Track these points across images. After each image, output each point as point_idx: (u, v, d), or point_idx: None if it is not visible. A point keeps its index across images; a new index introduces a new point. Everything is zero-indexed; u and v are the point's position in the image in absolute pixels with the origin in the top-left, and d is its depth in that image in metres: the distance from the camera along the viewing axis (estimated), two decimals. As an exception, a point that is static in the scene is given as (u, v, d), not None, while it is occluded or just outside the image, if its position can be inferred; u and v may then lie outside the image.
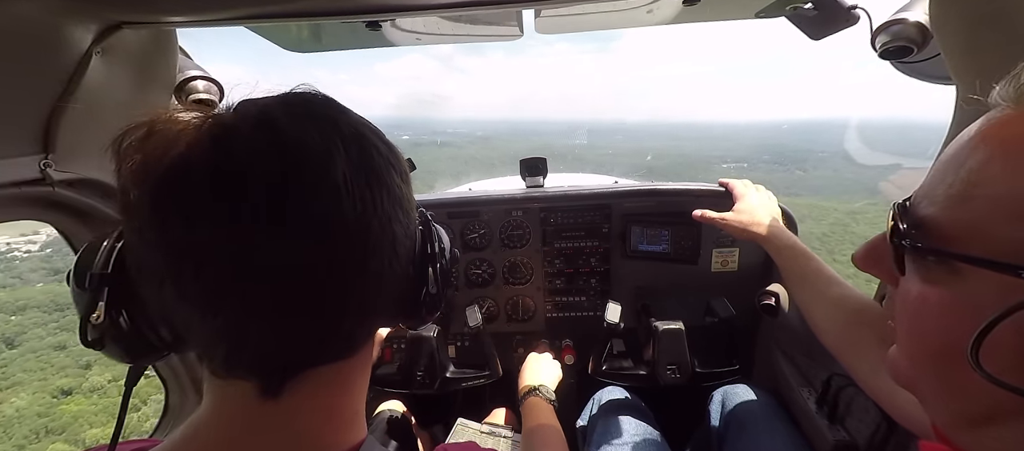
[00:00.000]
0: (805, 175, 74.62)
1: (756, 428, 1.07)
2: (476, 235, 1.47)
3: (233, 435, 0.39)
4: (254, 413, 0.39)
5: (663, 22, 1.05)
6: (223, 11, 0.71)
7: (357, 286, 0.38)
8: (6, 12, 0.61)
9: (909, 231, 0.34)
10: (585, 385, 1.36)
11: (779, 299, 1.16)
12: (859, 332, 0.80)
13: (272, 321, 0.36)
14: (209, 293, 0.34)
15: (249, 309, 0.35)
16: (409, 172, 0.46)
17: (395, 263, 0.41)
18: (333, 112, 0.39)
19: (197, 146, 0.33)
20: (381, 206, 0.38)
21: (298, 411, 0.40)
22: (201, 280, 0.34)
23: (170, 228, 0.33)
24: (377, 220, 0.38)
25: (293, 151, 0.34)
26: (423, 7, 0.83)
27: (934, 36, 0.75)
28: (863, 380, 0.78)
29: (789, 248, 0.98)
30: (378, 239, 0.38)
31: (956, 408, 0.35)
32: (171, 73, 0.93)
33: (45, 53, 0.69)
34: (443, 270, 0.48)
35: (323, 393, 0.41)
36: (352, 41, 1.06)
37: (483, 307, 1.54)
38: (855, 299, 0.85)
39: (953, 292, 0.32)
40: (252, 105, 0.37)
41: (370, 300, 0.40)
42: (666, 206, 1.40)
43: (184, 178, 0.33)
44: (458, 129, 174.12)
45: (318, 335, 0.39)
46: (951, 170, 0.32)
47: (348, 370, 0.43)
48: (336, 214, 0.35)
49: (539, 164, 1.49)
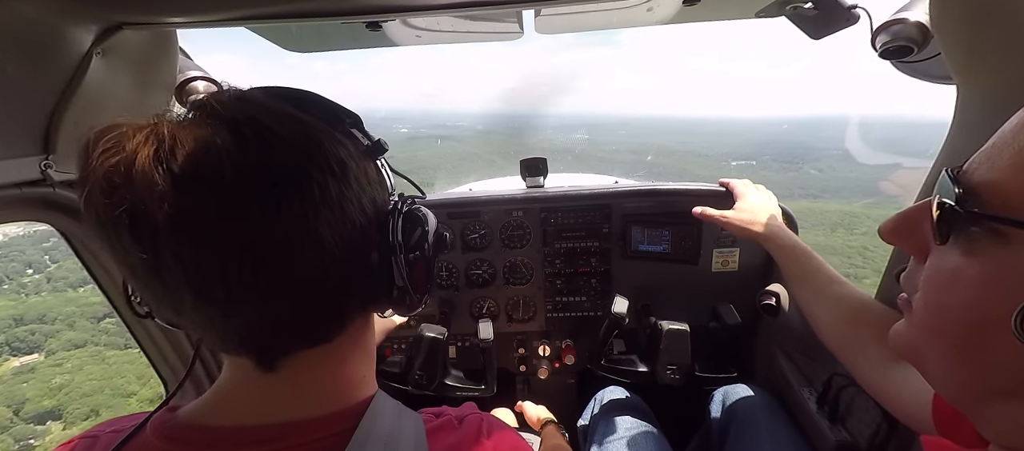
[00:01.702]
0: (820, 174, 70.65)
1: (757, 428, 1.07)
2: (476, 235, 1.47)
3: (244, 399, 0.45)
4: (258, 383, 0.44)
5: (663, 22, 1.05)
6: (223, 11, 0.71)
7: (303, 287, 0.40)
8: (6, 13, 0.61)
9: (962, 197, 0.33)
10: (585, 385, 1.36)
11: (779, 299, 1.16)
12: (860, 330, 0.80)
13: (247, 311, 0.39)
14: (185, 288, 0.37)
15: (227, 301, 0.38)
16: (359, 165, 0.44)
17: (328, 262, 0.40)
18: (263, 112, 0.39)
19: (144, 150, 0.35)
20: (291, 209, 0.37)
21: (297, 380, 0.45)
22: (174, 277, 0.37)
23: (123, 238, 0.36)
24: (292, 224, 0.37)
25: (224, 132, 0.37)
26: (423, 7, 0.83)
27: (934, 36, 0.75)
28: (864, 378, 0.78)
29: (790, 247, 0.98)
30: (297, 242, 0.38)
31: (973, 381, 0.35)
32: (171, 73, 0.93)
33: (46, 54, 0.69)
34: (411, 261, 0.47)
35: (318, 367, 0.46)
36: (352, 41, 1.06)
37: (483, 307, 1.54)
38: (856, 298, 0.85)
39: (997, 262, 0.31)
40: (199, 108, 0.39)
41: (351, 285, 0.44)
42: (666, 206, 1.40)
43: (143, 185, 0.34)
44: (458, 122, 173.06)
45: (290, 323, 0.42)
46: (1023, 134, 0.31)
47: (338, 348, 0.47)
48: (243, 222, 0.36)
49: (539, 164, 1.49)
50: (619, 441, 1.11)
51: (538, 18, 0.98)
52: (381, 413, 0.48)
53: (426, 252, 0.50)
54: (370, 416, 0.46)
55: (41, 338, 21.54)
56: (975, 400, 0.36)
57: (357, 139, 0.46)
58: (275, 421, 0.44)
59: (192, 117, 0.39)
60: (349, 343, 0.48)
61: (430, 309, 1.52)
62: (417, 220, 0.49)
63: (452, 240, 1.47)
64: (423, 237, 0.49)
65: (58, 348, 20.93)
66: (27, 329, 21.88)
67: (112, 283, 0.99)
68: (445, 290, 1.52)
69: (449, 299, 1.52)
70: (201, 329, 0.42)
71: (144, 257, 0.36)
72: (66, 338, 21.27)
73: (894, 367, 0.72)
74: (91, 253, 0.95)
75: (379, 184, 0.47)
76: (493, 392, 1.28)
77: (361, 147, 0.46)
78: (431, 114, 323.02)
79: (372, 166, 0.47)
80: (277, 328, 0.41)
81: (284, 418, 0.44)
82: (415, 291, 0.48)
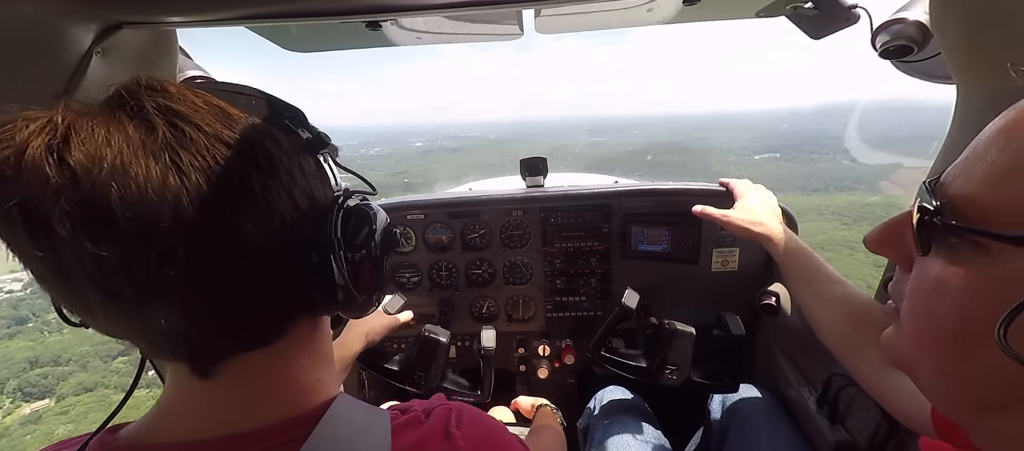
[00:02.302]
0: (855, 165, 63.04)
1: (757, 428, 1.08)
2: (476, 235, 1.47)
3: (185, 410, 0.42)
4: (197, 391, 0.41)
5: (663, 21, 1.04)
6: (223, 11, 0.71)
7: (222, 284, 0.37)
8: (6, 12, 0.61)
9: (940, 209, 0.34)
10: (585, 385, 1.36)
11: (779, 299, 1.16)
12: (861, 331, 0.80)
13: (160, 311, 0.36)
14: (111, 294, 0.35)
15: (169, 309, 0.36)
16: (293, 159, 0.41)
17: (252, 258, 0.38)
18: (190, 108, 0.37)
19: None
20: (215, 206, 0.35)
21: (239, 387, 0.42)
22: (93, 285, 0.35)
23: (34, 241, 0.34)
24: (217, 221, 0.36)
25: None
26: (423, 7, 0.83)
27: (934, 35, 0.75)
28: (864, 379, 0.78)
29: (790, 247, 0.98)
30: (211, 235, 0.36)
31: (963, 393, 0.35)
32: (171, 73, 0.93)
33: (45, 54, 0.69)
34: (355, 261, 0.45)
35: (261, 372, 0.43)
36: (352, 41, 1.06)
37: (483, 307, 1.54)
38: (857, 298, 0.85)
39: (978, 272, 0.31)
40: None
41: (287, 284, 0.41)
42: (666, 206, 1.40)
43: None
44: (470, 133, 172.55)
45: (215, 324, 0.39)
46: (994, 147, 0.31)
47: (282, 351, 0.44)
48: (154, 218, 0.33)
49: (539, 164, 1.49)
50: (619, 441, 1.11)
51: (538, 18, 0.98)
52: (341, 417, 0.44)
53: (373, 251, 0.47)
54: (326, 421, 0.43)
55: (53, 381, 21.16)
56: (965, 411, 0.36)
57: (294, 133, 0.43)
58: (219, 434, 0.41)
59: (98, 108, 0.36)
60: (294, 347, 0.45)
61: (430, 309, 1.52)
62: (363, 216, 0.46)
63: (452, 240, 1.47)
64: (370, 235, 0.47)
65: (68, 392, 20.64)
66: (40, 372, 21.58)
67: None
68: (445, 290, 1.52)
69: (449, 299, 1.52)
70: (122, 333, 0.39)
71: (41, 255, 0.34)
72: (77, 381, 20.94)
73: (894, 369, 0.71)
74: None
75: (319, 179, 0.44)
76: (488, 399, 1.28)
77: (298, 141, 0.43)
78: (444, 126, 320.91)
79: (311, 160, 0.44)
80: (201, 329, 0.38)
81: (229, 430, 0.41)
82: (360, 292, 0.45)
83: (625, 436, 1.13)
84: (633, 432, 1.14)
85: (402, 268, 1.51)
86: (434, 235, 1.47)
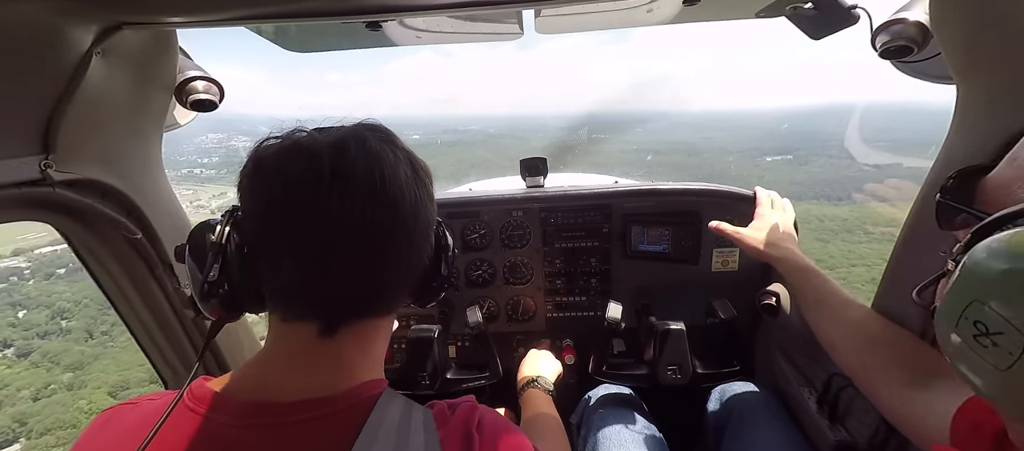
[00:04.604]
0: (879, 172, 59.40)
1: (756, 427, 1.07)
2: (476, 235, 1.47)
3: (296, 361, 0.53)
4: (313, 347, 0.53)
5: (663, 22, 1.04)
6: (223, 11, 0.71)
7: (403, 261, 0.55)
8: (6, 12, 0.61)
9: None
10: (585, 385, 1.36)
11: (779, 299, 1.16)
12: (880, 354, 0.78)
13: (341, 279, 0.51)
14: (308, 259, 0.50)
15: (330, 269, 0.50)
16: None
17: (426, 247, 0.58)
18: (393, 136, 0.56)
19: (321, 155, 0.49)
20: (426, 203, 0.56)
21: (344, 348, 0.54)
22: (301, 246, 0.50)
23: (284, 211, 0.50)
24: (424, 212, 0.55)
25: (379, 159, 0.51)
26: (423, 7, 0.83)
27: (934, 35, 0.75)
28: (886, 404, 0.76)
29: (803, 271, 0.94)
30: (425, 227, 0.56)
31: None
32: (171, 73, 0.93)
33: (45, 54, 0.69)
34: (450, 260, 0.65)
35: (364, 338, 0.57)
36: (352, 41, 1.06)
37: (483, 307, 1.54)
38: (875, 322, 0.83)
39: None
40: (345, 130, 0.53)
41: (409, 274, 0.58)
42: (666, 206, 1.40)
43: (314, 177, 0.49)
44: (468, 126, 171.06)
45: (368, 294, 0.54)
46: None
47: (382, 324, 0.60)
48: (402, 203, 0.52)
49: (539, 164, 1.49)
50: (616, 438, 1.10)
51: (538, 18, 0.98)
52: (388, 405, 0.54)
53: (453, 254, 0.69)
54: (383, 402, 0.53)
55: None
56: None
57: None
58: (324, 394, 0.51)
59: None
60: (389, 323, 0.61)
61: (430, 309, 1.52)
62: (444, 230, 0.67)
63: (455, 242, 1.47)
64: (451, 242, 0.68)
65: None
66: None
67: (112, 283, 0.99)
68: None
69: (449, 299, 1.52)
70: (285, 295, 0.53)
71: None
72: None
73: (918, 392, 0.69)
74: (92, 253, 0.95)
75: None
76: (500, 376, 1.25)
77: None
78: (443, 119, 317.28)
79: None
80: (356, 295, 0.54)
81: (335, 388, 0.52)
82: (447, 282, 0.66)
83: (623, 433, 1.11)
84: (631, 429, 1.12)
85: None
86: None
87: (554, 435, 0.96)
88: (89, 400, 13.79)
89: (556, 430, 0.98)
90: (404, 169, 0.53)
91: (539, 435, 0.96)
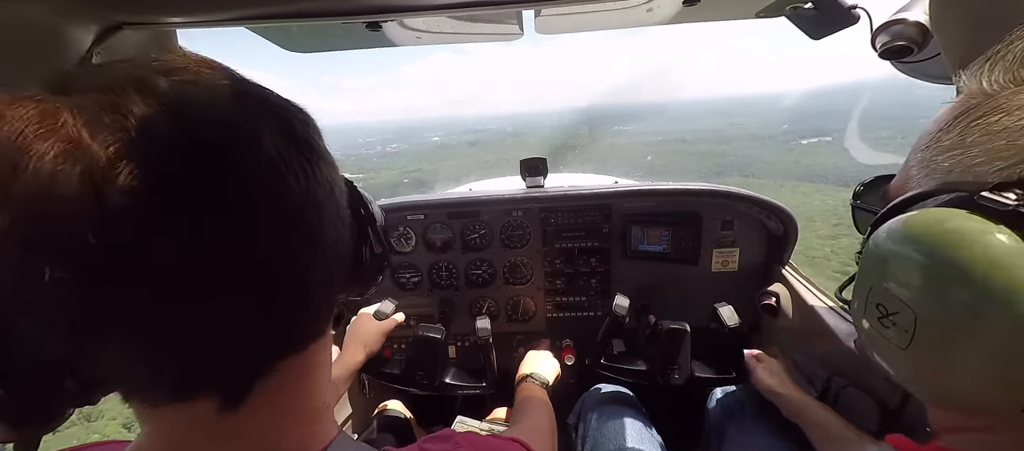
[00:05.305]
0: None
1: (755, 427, 1.07)
2: (476, 235, 1.47)
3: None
4: (210, 432, 0.34)
5: (663, 22, 1.04)
6: (223, 11, 0.71)
7: (316, 260, 0.35)
8: (6, 12, 0.61)
9: None
10: (585, 385, 1.36)
11: (779, 299, 1.16)
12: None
13: (231, 321, 0.31)
14: (146, 319, 0.28)
15: (202, 319, 0.29)
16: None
17: (342, 230, 0.38)
18: (251, 87, 0.34)
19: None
20: (320, 173, 0.35)
21: (259, 416, 0.36)
22: (130, 307, 0.27)
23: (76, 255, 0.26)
24: (322, 189, 0.34)
25: (223, 134, 0.29)
26: (423, 7, 0.83)
27: (934, 36, 0.75)
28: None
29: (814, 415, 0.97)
30: (326, 208, 0.35)
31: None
32: (171, 74, 0.93)
33: (45, 54, 0.68)
34: (376, 232, 0.46)
35: (287, 388, 0.37)
36: (352, 41, 1.06)
37: (483, 307, 1.54)
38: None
39: None
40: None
41: (330, 272, 0.37)
42: (666, 206, 1.40)
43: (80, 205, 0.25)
44: (487, 126, 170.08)
45: (285, 319, 0.34)
46: None
47: (313, 356, 0.39)
48: (280, 190, 0.31)
49: (539, 164, 1.49)
50: (614, 437, 1.10)
51: (538, 18, 0.98)
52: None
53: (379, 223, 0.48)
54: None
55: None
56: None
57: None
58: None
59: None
60: (322, 348, 0.41)
61: (430, 309, 1.52)
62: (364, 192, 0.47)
63: (452, 240, 1.47)
64: (373, 209, 0.48)
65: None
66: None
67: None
68: (445, 290, 1.52)
69: (449, 299, 1.52)
70: (148, 375, 0.31)
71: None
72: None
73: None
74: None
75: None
76: (494, 390, 1.28)
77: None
78: (463, 119, 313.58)
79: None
80: (266, 328, 0.34)
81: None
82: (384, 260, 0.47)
83: (621, 432, 1.11)
84: (629, 428, 1.13)
85: (402, 268, 1.51)
86: (434, 235, 1.48)
87: (538, 410, 1.01)
88: (102, 434, 13.88)
89: (544, 412, 1.02)
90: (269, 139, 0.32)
91: (524, 413, 1.01)
